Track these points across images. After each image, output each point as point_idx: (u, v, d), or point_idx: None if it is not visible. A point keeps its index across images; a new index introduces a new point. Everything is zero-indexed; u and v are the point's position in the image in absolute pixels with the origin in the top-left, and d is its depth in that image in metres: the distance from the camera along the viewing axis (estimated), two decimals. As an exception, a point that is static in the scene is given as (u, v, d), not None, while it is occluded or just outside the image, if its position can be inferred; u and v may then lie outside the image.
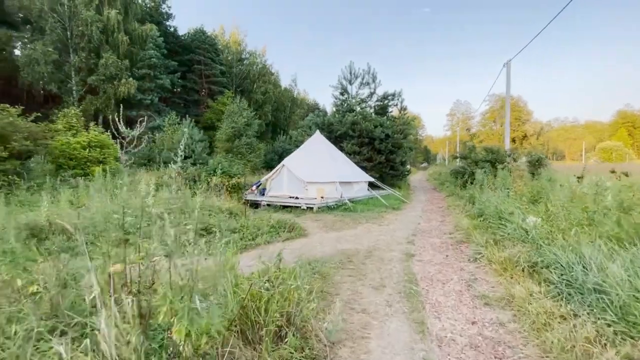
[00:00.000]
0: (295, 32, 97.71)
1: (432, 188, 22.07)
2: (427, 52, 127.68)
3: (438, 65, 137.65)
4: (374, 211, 10.90)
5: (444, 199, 14.63)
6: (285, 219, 9.49)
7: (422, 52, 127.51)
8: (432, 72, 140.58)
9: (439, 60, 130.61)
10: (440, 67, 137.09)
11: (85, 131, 12.34)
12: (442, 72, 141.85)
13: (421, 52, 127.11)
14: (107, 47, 25.36)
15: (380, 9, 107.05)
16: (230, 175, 10.83)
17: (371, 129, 15.37)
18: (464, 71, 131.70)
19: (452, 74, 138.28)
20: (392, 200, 13.23)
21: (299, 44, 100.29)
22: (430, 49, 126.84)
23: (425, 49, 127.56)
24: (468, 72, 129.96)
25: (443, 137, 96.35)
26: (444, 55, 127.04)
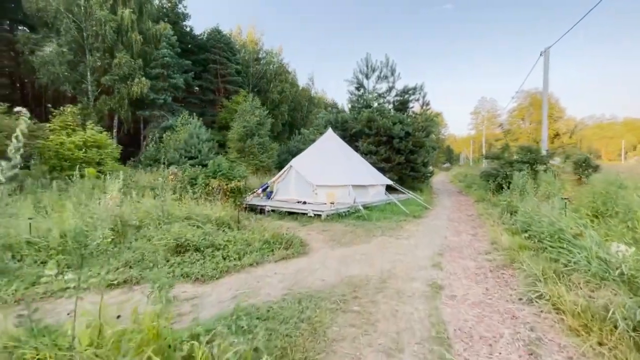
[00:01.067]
0: (312, 31, 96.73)
1: (457, 191, 20.20)
2: (449, 49, 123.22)
3: (461, 63, 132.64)
4: (391, 220, 9.46)
5: (473, 205, 12.91)
6: (288, 229, 8.28)
7: (444, 50, 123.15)
8: (455, 70, 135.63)
9: (462, 57, 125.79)
10: (463, 64, 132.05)
11: (82, 130, 11.63)
12: (466, 70, 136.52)
13: (442, 50, 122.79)
14: (121, 46, 25.15)
15: (398, 6, 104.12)
16: (229, 177, 9.73)
17: (389, 126, 13.89)
18: (488, 69, 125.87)
19: (476, 72, 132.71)
20: (412, 207, 11.71)
21: (316, 42, 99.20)
22: (452, 46, 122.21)
23: (447, 46, 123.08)
24: (493, 70, 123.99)
25: (466, 137, 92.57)
26: (467, 53, 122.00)
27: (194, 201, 8.52)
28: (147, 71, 26.87)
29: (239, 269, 5.10)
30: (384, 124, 13.83)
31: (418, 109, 16.10)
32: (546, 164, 10.45)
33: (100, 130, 12.46)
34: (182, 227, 5.90)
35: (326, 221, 9.29)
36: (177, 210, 6.91)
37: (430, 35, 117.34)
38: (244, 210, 10.44)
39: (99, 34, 23.79)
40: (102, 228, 5.16)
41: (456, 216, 10.51)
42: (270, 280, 4.64)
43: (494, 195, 11.47)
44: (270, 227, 8.08)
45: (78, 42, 23.81)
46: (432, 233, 7.92)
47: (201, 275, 4.74)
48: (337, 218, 9.61)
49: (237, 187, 9.65)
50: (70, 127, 11.54)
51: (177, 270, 4.75)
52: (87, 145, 11.44)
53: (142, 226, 5.91)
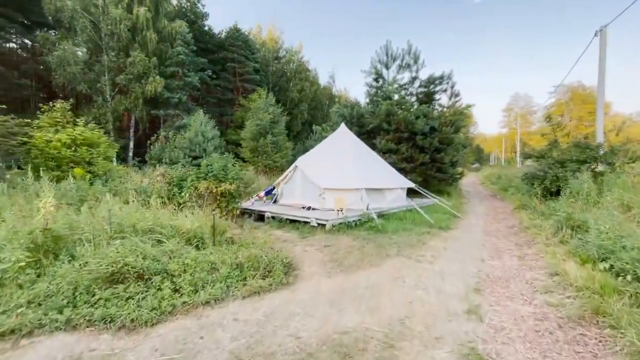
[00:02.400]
0: (334, 28, 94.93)
1: (490, 195, 17.89)
2: (479, 44, 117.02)
3: (491, 58, 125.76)
4: (411, 232, 7.71)
5: (513, 213, 10.82)
6: (284, 242, 6.79)
7: (471, 44, 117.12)
8: (485, 66, 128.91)
9: (493, 52, 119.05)
10: (494, 59, 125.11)
11: (72, 127, 10.77)
12: (497, 65, 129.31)
13: (469, 44, 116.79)
14: (136, 45, 24.84)
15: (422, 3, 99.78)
16: (220, 179, 8.39)
17: (411, 120, 12.05)
18: (521, 64, 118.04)
19: (508, 67, 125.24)
20: (438, 215, 9.86)
21: (338, 40, 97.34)
22: (482, 40, 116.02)
23: (476, 41, 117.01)
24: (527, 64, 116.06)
25: (497, 135, 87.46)
26: (498, 47, 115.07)
27: (174, 208, 7.24)
28: (162, 70, 26.47)
29: (189, 309, 3.66)
30: (405, 117, 12.00)
31: (446, 102, 14.14)
32: (612, 163, 8.27)
33: (94, 127, 11.59)
34: (133, 245, 4.55)
35: (331, 232, 7.71)
36: (141, 221, 5.60)
37: (457, 30, 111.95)
38: (238, 218, 9.10)
39: (114, 33, 23.56)
40: (13, 249, 3.92)
41: (493, 228, 8.56)
42: (221, 334, 3.15)
43: (540, 201, 9.38)
44: (262, 240, 6.66)
45: (94, 41, 23.71)
46: (464, 253, 6.12)
47: (131, 320, 3.35)
48: (345, 229, 8.01)
49: (229, 191, 8.29)
50: (59, 123, 10.74)
51: (98, 312, 3.37)
52: (76, 144, 10.56)
53: (83, 243, 4.62)
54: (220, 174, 8.51)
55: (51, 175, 9.61)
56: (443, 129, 12.69)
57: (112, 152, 11.92)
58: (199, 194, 8.22)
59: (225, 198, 8.41)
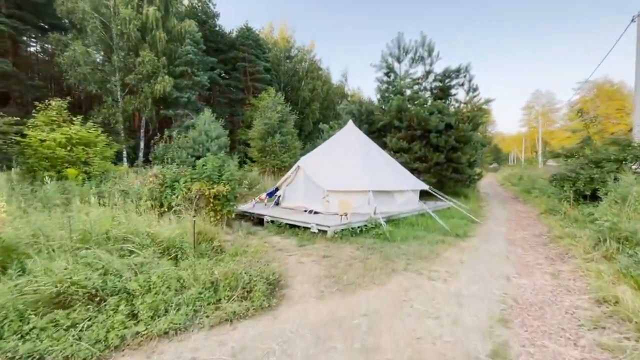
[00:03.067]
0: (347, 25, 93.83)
1: (511, 197, 16.65)
2: (496, 40, 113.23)
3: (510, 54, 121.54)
4: (423, 241, 6.85)
5: (539, 218, 9.74)
6: (279, 251, 6.08)
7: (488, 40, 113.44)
8: (503, 62, 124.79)
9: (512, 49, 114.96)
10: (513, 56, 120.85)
11: (67, 126, 10.41)
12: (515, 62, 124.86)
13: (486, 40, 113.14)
14: (146, 45, 24.75)
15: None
16: (213, 180, 7.75)
17: (425, 116, 11.10)
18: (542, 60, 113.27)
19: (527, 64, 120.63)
20: (455, 220, 8.92)
21: (351, 37, 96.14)
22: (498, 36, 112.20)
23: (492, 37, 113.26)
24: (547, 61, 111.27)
25: (516, 134, 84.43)
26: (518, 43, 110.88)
27: (160, 212, 6.64)
28: (171, 69, 26.33)
29: (141, 341, 2.97)
30: (418, 113, 11.06)
31: (463, 97, 13.09)
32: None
33: (92, 125, 11.21)
34: (95, 257, 3.92)
35: (333, 240, 6.93)
36: (115, 228, 4.99)
37: (473, 25, 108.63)
38: (236, 221, 8.45)
39: (124, 32, 23.51)
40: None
41: (518, 237, 7.56)
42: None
43: (572, 206, 8.30)
44: (253, 248, 5.98)
45: (104, 41, 23.74)
46: (485, 268, 5.22)
47: (64, 358, 2.69)
48: (348, 235, 7.21)
49: (222, 193, 7.63)
50: (55, 122, 10.40)
51: (25, 347, 2.73)
52: (72, 143, 10.19)
53: (43, 254, 4.03)
54: (213, 174, 7.87)
55: (44, 175, 9.24)
56: (460, 126, 11.66)
57: (110, 151, 11.50)
58: (191, 196, 7.61)
59: (220, 201, 7.76)
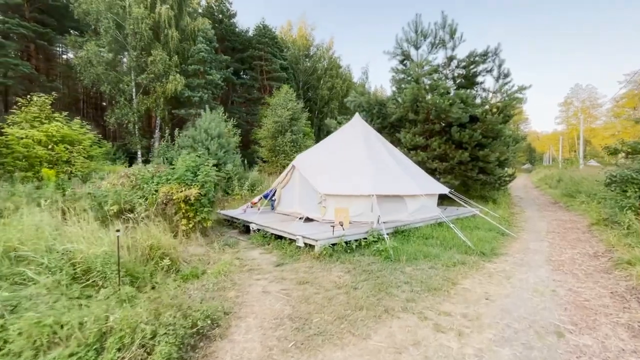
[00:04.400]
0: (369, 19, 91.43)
1: (550, 202, 14.41)
2: (528, 31, 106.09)
3: (544, 47, 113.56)
4: (436, 262, 5.29)
5: (589, 230, 7.79)
6: (249, 272, 4.79)
7: (521, 33, 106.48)
8: (536, 56, 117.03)
9: (547, 40, 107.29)
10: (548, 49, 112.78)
11: (50, 123, 9.72)
12: (551, 55, 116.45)
13: (520, 34, 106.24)
14: (158, 44, 24.48)
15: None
16: (185, 183, 6.60)
17: (444, 107, 9.38)
18: (580, 52, 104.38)
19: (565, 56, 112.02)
20: (480, 232, 7.24)
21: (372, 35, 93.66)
22: (534, 28, 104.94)
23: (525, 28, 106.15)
24: (587, 52, 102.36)
25: (552, 133, 78.61)
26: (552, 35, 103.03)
27: (102, 221, 5.55)
28: (184, 68, 25.95)
29: None
30: (436, 102, 9.35)
31: (492, 84, 11.19)
32: None
33: (81, 123, 10.50)
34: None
35: (321, 258, 5.53)
36: (24, 243, 3.89)
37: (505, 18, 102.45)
38: (211, 230, 7.24)
39: (136, 32, 23.32)
40: None
41: (566, 257, 5.78)
42: None
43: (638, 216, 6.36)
44: (217, 268, 4.74)
45: (118, 41, 23.67)
46: (522, 312, 3.62)
47: None
48: (341, 251, 5.78)
49: (195, 198, 6.44)
50: (37, 119, 9.75)
51: None
52: (53, 141, 9.47)
53: None
54: (184, 175, 6.71)
55: (21, 176, 8.53)
56: (487, 118, 9.81)
57: (98, 150, 10.74)
58: (158, 201, 6.49)
59: (193, 206, 6.59)
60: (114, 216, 6.56)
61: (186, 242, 6.54)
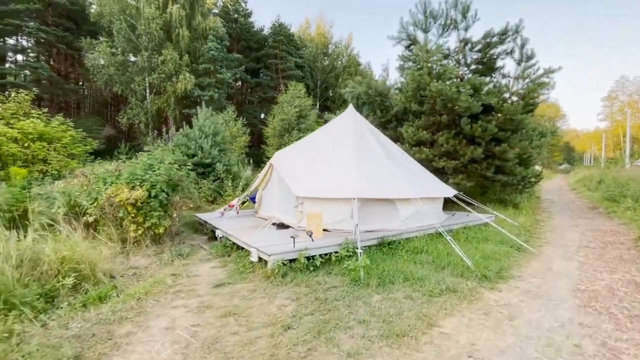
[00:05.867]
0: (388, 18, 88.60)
1: (587, 207, 12.37)
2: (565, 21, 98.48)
3: (583, 38, 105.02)
4: (418, 288, 4.03)
5: (636, 245, 6.12)
6: (162, 297, 3.81)
7: (559, 23, 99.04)
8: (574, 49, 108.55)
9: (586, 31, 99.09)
10: (587, 40, 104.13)
11: (29, 119, 9.32)
12: (590, 47, 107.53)
13: (557, 24, 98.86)
14: (169, 43, 24.42)
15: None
16: (134, 183, 5.74)
17: (451, 94, 7.91)
18: (626, 41, 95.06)
19: (607, 47, 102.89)
20: (490, 245, 5.82)
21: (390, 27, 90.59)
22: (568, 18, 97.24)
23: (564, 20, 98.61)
24: (634, 42, 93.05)
25: (595, 131, 72.24)
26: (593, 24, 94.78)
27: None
28: (195, 67, 25.75)
29: None
30: (441, 89, 7.87)
31: (513, 69, 9.52)
32: None
33: (63, 121, 10.08)
34: None
35: (273, 277, 4.42)
36: None
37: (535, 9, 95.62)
38: (166, 237, 6.33)
39: (147, 32, 23.33)
40: None
41: (602, 287, 4.28)
42: None
43: None
44: (135, 289, 3.81)
45: (130, 42, 23.81)
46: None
47: None
48: (303, 269, 4.64)
49: (143, 200, 5.56)
50: (14, 116, 9.41)
51: None
52: (29, 139, 9.05)
53: None
54: (133, 175, 5.85)
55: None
56: (504, 107, 8.20)
57: (79, 148, 10.27)
58: (103, 204, 5.67)
59: (142, 210, 5.71)
60: (62, 219, 5.84)
61: (134, 251, 5.70)
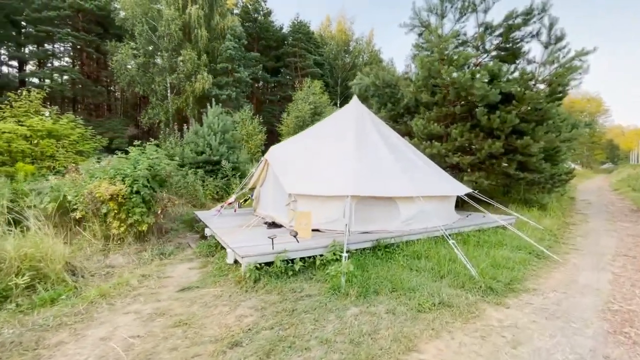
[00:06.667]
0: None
1: (629, 209, 10.94)
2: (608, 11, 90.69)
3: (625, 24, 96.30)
4: (406, 300, 3.42)
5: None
6: (124, 297, 3.48)
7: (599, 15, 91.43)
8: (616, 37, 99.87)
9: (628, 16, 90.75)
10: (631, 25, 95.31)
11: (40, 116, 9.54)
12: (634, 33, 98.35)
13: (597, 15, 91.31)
14: (188, 44, 24.81)
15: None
16: (115, 179, 5.51)
17: (465, 82, 7.07)
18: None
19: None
20: (501, 252, 5.04)
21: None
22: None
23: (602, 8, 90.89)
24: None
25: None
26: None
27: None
28: (213, 67, 26.01)
29: None
30: (453, 77, 7.04)
31: (539, 54, 8.45)
32: None
33: (73, 118, 10.26)
34: None
35: (245, 282, 3.98)
36: None
37: None
38: (151, 234, 6.07)
39: (167, 33, 23.81)
40: None
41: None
42: None
43: None
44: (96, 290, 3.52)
45: (152, 43, 24.42)
46: None
47: None
48: (279, 274, 4.16)
49: (124, 196, 5.32)
50: (26, 114, 9.65)
51: None
52: (39, 136, 9.24)
53: None
54: (116, 170, 5.63)
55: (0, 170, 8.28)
56: (526, 95, 7.22)
57: (87, 145, 10.40)
58: (86, 200, 5.49)
59: (124, 206, 5.48)
60: (53, 215, 5.77)
61: (116, 248, 5.48)
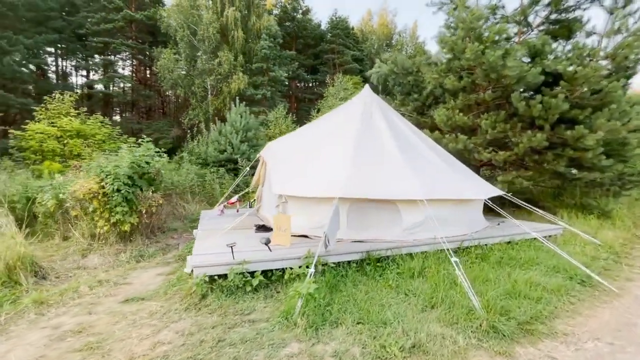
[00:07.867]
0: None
1: None
2: None
3: None
4: (370, 338, 2.57)
5: None
6: (60, 307, 3.13)
7: None
8: None
9: None
10: None
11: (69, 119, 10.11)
12: None
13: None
14: (225, 45, 25.49)
15: None
16: (99, 177, 5.34)
17: (495, 61, 5.74)
18: None
19: None
20: (529, 274, 3.85)
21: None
22: None
23: None
24: None
25: None
26: None
27: None
28: (249, 67, 26.41)
29: None
30: (479, 55, 5.73)
31: (601, 26, 6.70)
32: None
33: (102, 119, 10.77)
34: None
35: (192, 297, 3.44)
36: None
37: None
38: (138, 234, 5.84)
39: (206, 36, 24.68)
40: None
41: None
42: None
43: None
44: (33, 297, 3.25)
45: (193, 47, 25.53)
46: None
47: None
48: (235, 289, 3.55)
49: (104, 193, 5.14)
50: (58, 115, 10.28)
51: None
52: (68, 135, 9.79)
53: None
54: (100, 167, 5.48)
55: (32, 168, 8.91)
56: (579, 73, 5.62)
57: (112, 145, 10.83)
58: (73, 197, 5.43)
59: (107, 205, 5.31)
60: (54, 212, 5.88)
61: (98, 248, 5.33)
